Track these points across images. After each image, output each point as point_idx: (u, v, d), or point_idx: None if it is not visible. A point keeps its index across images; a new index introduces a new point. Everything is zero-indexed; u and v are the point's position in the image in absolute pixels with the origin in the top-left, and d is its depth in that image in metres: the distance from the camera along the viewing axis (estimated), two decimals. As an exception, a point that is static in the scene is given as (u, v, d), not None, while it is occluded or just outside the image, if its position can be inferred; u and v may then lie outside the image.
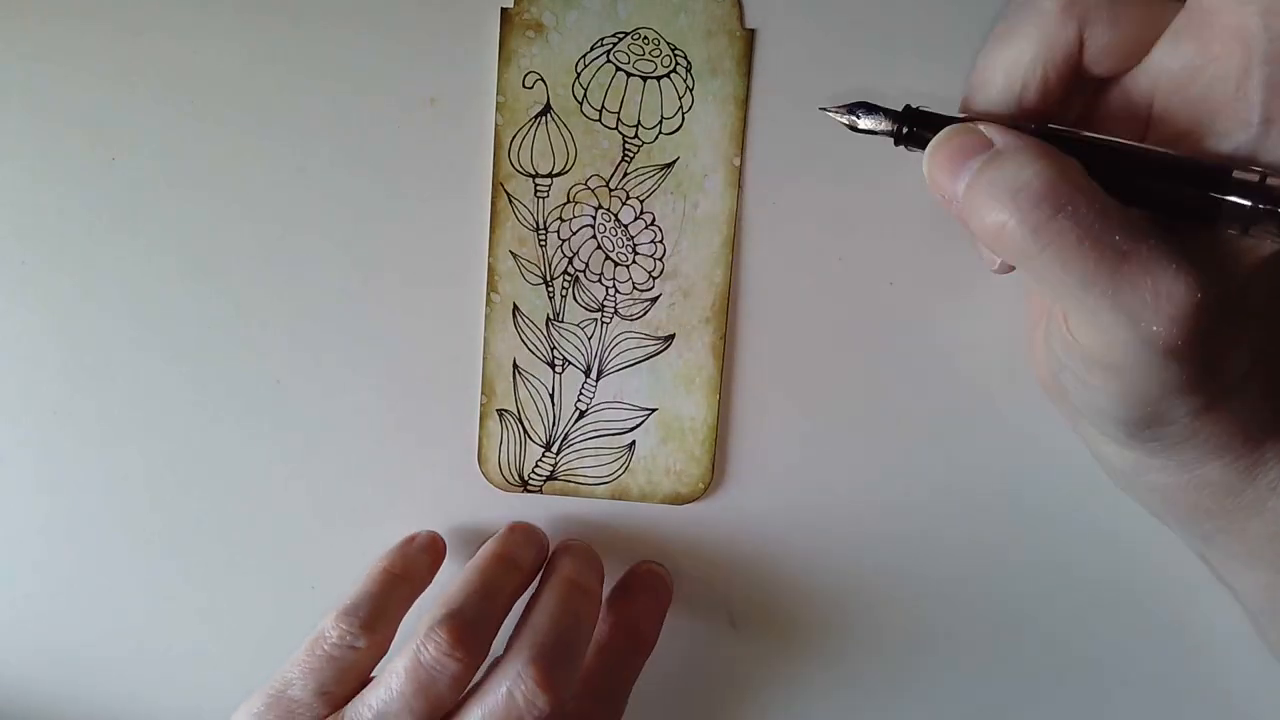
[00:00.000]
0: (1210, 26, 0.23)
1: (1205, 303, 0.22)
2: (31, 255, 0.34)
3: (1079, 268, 0.23)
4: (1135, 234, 0.23)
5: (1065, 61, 0.25)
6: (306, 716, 0.30)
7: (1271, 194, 0.22)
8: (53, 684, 0.37)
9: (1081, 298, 0.23)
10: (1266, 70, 0.23)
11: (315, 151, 0.33)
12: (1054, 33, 0.25)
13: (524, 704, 0.29)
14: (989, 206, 0.24)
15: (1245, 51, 0.23)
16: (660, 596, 0.35)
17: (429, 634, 0.29)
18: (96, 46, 0.32)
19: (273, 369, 0.35)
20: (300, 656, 0.31)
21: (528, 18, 0.32)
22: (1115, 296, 0.23)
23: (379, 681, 0.30)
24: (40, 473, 0.36)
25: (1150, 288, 0.22)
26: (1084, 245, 0.23)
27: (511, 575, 0.32)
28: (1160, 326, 0.23)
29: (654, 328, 0.34)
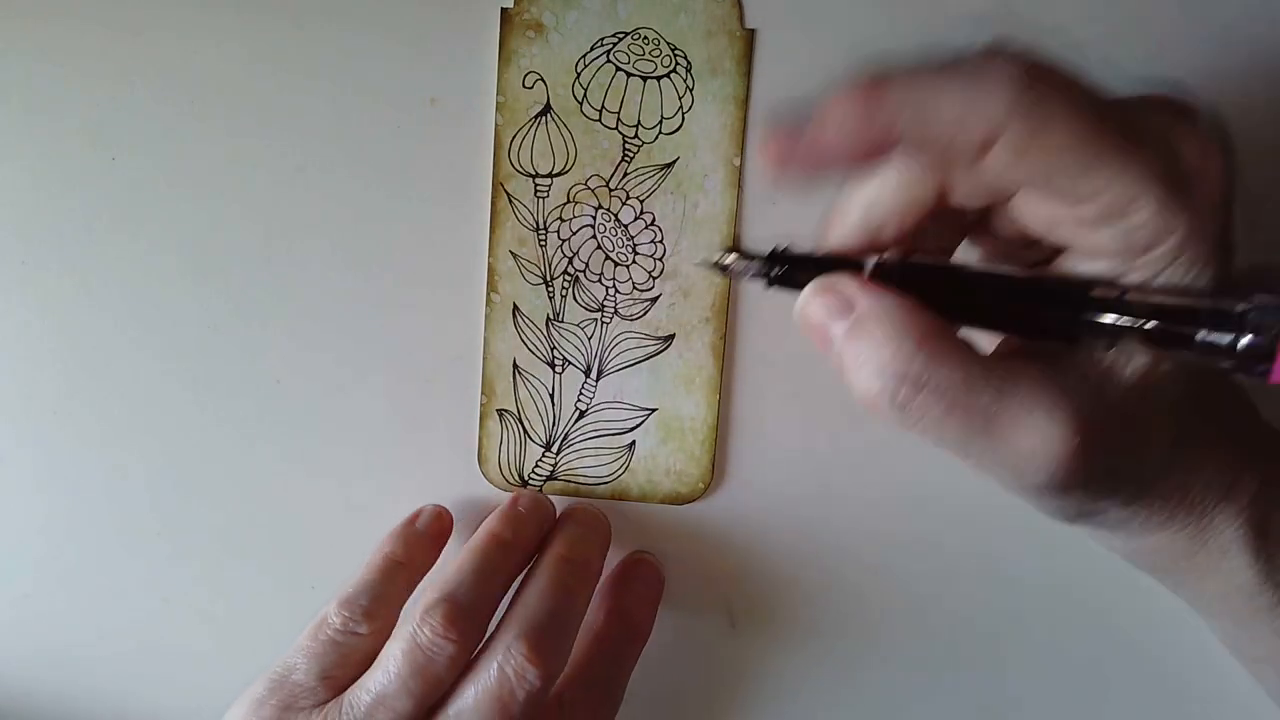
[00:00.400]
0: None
1: (1086, 441, 0.22)
2: (32, 255, 0.34)
3: (951, 436, 0.23)
4: (1004, 388, 0.23)
5: (924, 204, 0.24)
6: (309, 701, 0.30)
7: (1132, 309, 0.22)
8: (53, 684, 0.37)
9: (964, 458, 0.23)
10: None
11: (315, 151, 0.33)
12: (914, 179, 0.24)
13: (515, 679, 0.29)
14: (856, 377, 0.24)
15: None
16: (652, 585, 0.35)
17: (424, 617, 0.30)
18: (97, 48, 0.32)
19: (273, 369, 0.35)
20: (303, 642, 0.31)
21: (528, 18, 0.32)
22: (994, 455, 0.23)
23: (377, 665, 0.30)
24: (40, 472, 0.36)
25: (1025, 445, 0.22)
26: (952, 414, 0.23)
27: (509, 555, 0.32)
28: (1044, 477, 0.23)
29: (654, 328, 0.34)
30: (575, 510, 0.35)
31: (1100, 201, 0.22)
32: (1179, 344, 0.22)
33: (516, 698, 0.29)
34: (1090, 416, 0.22)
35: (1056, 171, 0.22)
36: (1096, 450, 0.23)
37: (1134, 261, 0.23)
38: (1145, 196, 0.22)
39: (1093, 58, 0.32)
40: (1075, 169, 0.22)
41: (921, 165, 0.24)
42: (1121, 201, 0.22)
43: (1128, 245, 0.22)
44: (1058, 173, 0.22)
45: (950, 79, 0.22)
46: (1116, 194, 0.22)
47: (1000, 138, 0.22)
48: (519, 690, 0.29)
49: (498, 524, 0.33)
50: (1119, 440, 0.23)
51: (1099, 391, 0.23)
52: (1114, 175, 0.22)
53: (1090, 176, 0.22)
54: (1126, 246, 0.22)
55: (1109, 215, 0.22)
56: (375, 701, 0.29)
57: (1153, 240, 0.22)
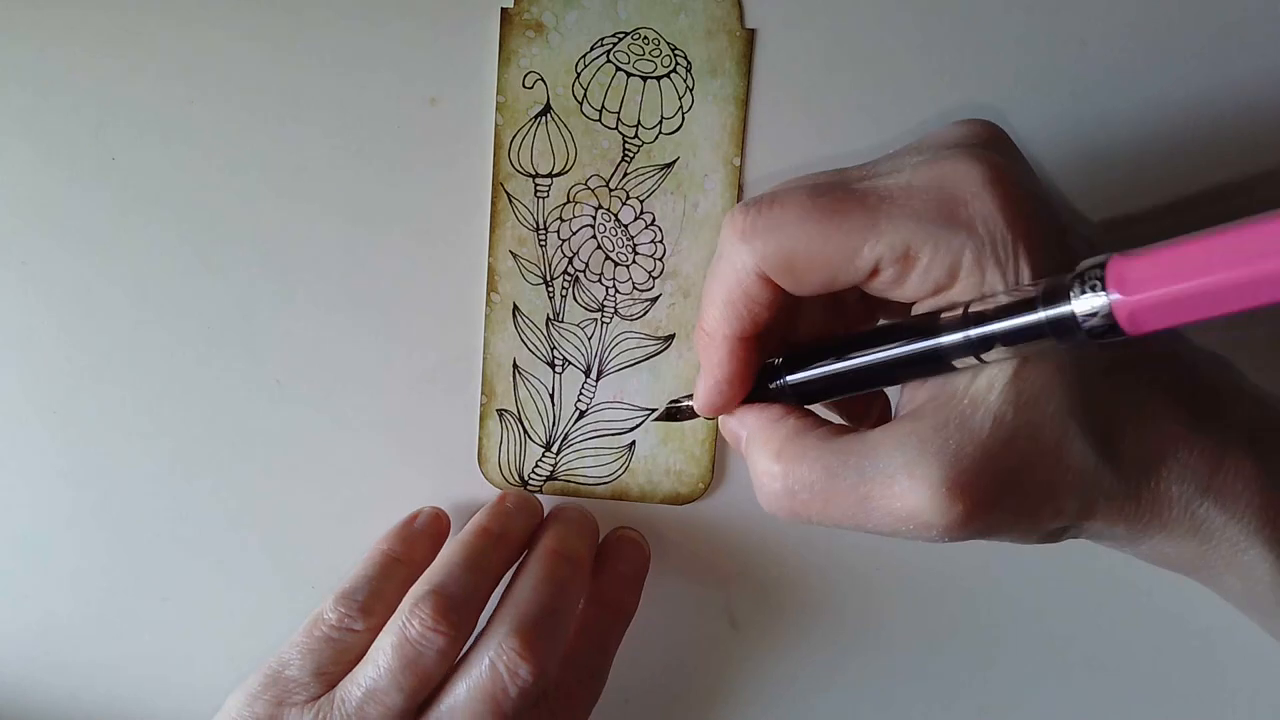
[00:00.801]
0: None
1: (958, 486, 0.22)
2: (32, 255, 0.34)
3: (843, 522, 0.24)
4: (864, 465, 0.24)
5: (766, 298, 0.26)
6: (302, 696, 0.30)
7: (979, 318, 0.23)
8: (53, 684, 0.37)
9: (871, 533, 0.24)
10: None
11: (315, 151, 0.33)
12: (746, 281, 0.25)
13: (507, 675, 0.29)
14: (756, 495, 0.26)
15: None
16: (636, 562, 0.35)
17: (414, 609, 0.30)
18: (97, 48, 0.32)
19: (273, 369, 0.35)
20: (299, 638, 0.31)
21: (528, 18, 0.32)
22: (888, 526, 0.24)
23: (367, 659, 0.30)
24: (40, 473, 0.36)
25: (904, 510, 0.23)
26: (830, 505, 0.24)
27: (497, 548, 0.32)
28: (937, 531, 0.23)
29: (654, 328, 0.34)
30: (562, 509, 0.35)
31: (881, 265, 0.24)
32: (1031, 336, 0.22)
33: (509, 694, 0.29)
34: (956, 459, 0.23)
35: (827, 269, 0.24)
36: (978, 489, 0.23)
37: (957, 289, 0.23)
38: (915, 242, 0.23)
39: (1093, 58, 0.32)
40: (838, 256, 0.24)
41: (749, 274, 0.26)
42: (898, 257, 0.23)
43: (937, 283, 0.24)
44: (828, 269, 0.24)
45: (711, 279, 0.26)
46: (886, 252, 0.23)
47: (765, 273, 0.25)
48: (511, 687, 0.29)
49: (485, 518, 0.33)
50: (1004, 468, 0.23)
51: (964, 429, 0.23)
52: (867, 243, 0.23)
53: (857, 255, 0.24)
54: (937, 284, 0.24)
55: (898, 275, 0.24)
56: (366, 696, 0.29)
57: (951, 270, 0.23)
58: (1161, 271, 0.20)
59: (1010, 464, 0.23)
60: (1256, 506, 0.24)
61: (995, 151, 0.24)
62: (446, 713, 0.30)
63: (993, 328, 0.22)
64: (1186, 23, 0.31)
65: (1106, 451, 0.24)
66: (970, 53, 0.32)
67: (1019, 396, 0.23)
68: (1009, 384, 0.23)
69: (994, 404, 0.23)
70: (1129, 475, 0.24)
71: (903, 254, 0.23)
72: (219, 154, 0.33)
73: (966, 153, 0.24)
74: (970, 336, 0.23)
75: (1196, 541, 0.25)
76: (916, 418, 0.24)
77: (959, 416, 0.23)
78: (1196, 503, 0.24)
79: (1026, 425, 0.23)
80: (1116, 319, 0.20)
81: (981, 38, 0.32)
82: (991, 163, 0.23)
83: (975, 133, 0.25)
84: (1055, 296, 0.21)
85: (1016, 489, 0.23)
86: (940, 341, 0.23)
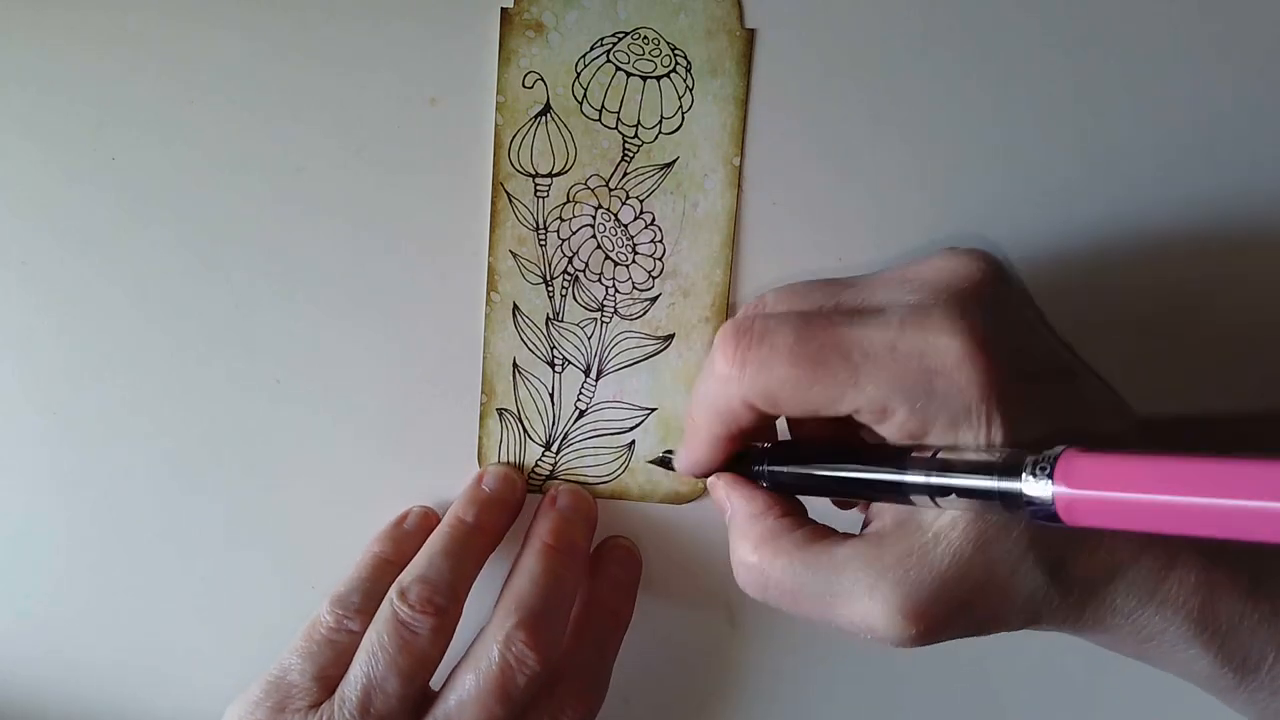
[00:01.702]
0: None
1: (913, 609, 0.24)
2: (32, 255, 0.34)
3: (808, 617, 0.27)
4: (831, 578, 0.26)
5: (751, 417, 0.27)
6: (304, 701, 0.30)
7: (944, 465, 0.24)
8: (53, 684, 0.37)
9: (832, 628, 0.27)
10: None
11: (315, 151, 0.33)
12: (733, 404, 0.27)
13: (516, 664, 0.30)
14: (733, 568, 0.28)
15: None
16: (630, 570, 0.35)
17: (401, 596, 0.31)
18: (97, 48, 0.32)
19: (273, 369, 0.35)
20: (298, 643, 0.32)
21: (528, 18, 0.32)
22: (849, 628, 0.26)
23: (360, 652, 0.31)
24: (40, 473, 0.36)
25: (863, 622, 0.25)
26: (798, 602, 0.27)
27: (474, 536, 0.33)
28: (892, 643, 0.25)
29: (654, 327, 0.34)
30: (560, 493, 0.35)
31: (857, 413, 0.25)
32: (983, 498, 0.23)
33: (517, 683, 0.30)
34: (914, 589, 0.24)
35: (808, 408, 0.26)
36: (931, 616, 0.24)
37: (930, 439, 0.25)
38: (892, 403, 0.25)
39: (1094, 57, 0.32)
40: (820, 401, 0.25)
41: (733, 406, 0.27)
42: (875, 409, 0.25)
43: (910, 434, 0.25)
44: (809, 408, 0.26)
45: (701, 382, 0.28)
46: (865, 405, 0.25)
47: (751, 402, 0.26)
48: (519, 676, 0.30)
49: (460, 507, 0.34)
50: (958, 599, 0.25)
51: (923, 562, 0.25)
52: (847, 395, 0.25)
53: (838, 402, 0.25)
54: (911, 434, 0.25)
55: (875, 420, 0.25)
56: (365, 689, 0.30)
57: (924, 426, 0.25)
58: (1105, 476, 0.21)
59: (963, 594, 0.25)
60: (1195, 615, 0.26)
61: (984, 305, 0.25)
62: (455, 705, 0.30)
63: (952, 480, 0.24)
64: (1187, 23, 0.31)
65: (1056, 577, 0.25)
66: (969, 52, 0.32)
67: (980, 536, 0.24)
68: (971, 523, 0.25)
69: (955, 541, 0.25)
70: (1075, 595, 0.25)
71: (880, 409, 0.25)
72: (219, 154, 0.33)
73: (953, 314, 0.25)
74: (931, 482, 0.24)
75: (1137, 641, 0.26)
76: (881, 542, 0.26)
77: (921, 548, 0.25)
78: (1139, 613, 0.26)
79: (984, 562, 0.25)
80: (1056, 508, 0.21)
81: (982, 37, 0.32)
82: (972, 332, 0.24)
83: (965, 275, 0.26)
84: (1009, 471, 0.22)
85: (967, 614, 0.25)
86: (905, 478, 0.25)
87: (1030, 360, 0.26)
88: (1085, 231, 0.33)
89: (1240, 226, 0.33)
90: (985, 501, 0.23)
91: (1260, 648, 0.26)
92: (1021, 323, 0.27)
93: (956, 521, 0.25)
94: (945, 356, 0.24)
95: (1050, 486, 0.21)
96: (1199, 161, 0.32)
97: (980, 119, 0.32)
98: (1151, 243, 0.33)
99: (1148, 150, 0.32)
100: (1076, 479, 0.21)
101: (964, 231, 0.33)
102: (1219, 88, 0.32)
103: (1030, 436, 0.24)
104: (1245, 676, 0.26)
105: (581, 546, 0.34)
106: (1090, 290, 0.33)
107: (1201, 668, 0.26)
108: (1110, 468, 0.21)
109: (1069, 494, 0.21)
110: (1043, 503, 0.22)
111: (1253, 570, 0.26)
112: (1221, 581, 0.26)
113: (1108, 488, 0.21)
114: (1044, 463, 0.22)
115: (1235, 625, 0.26)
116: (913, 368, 0.24)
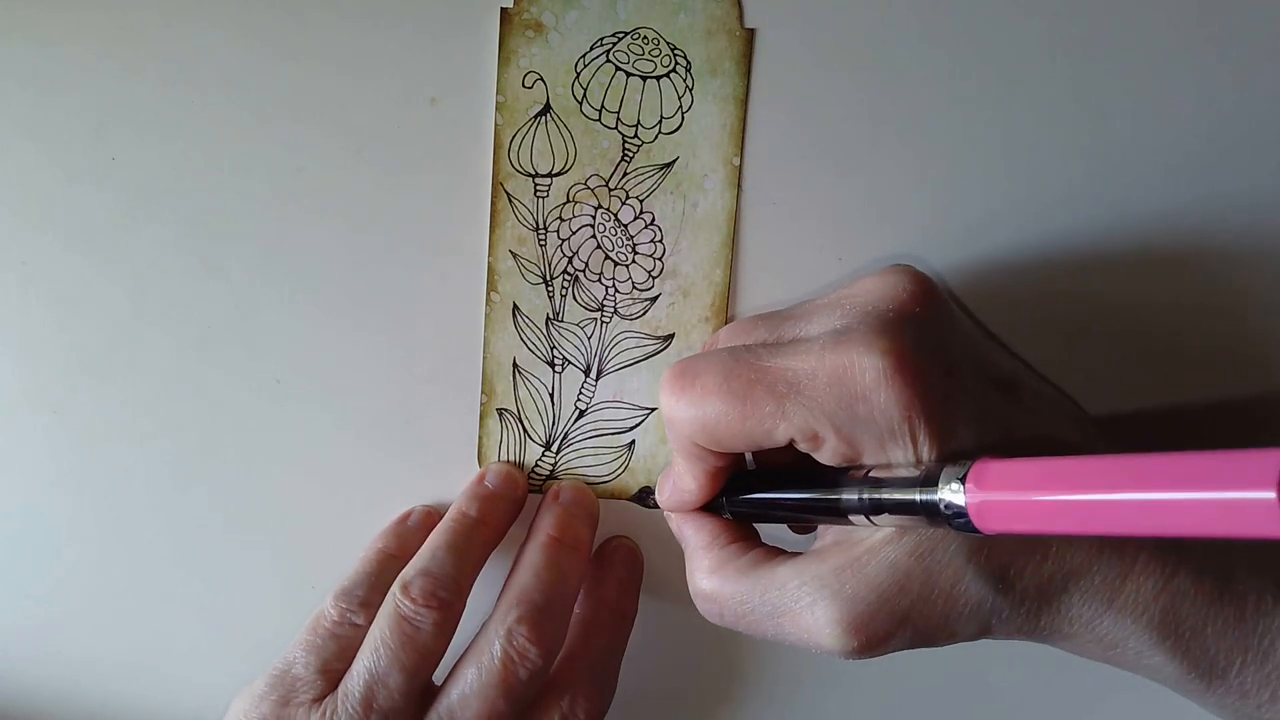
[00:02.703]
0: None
1: (854, 621, 0.25)
2: (32, 255, 0.34)
3: (761, 635, 0.28)
4: (776, 599, 0.27)
5: (707, 454, 0.28)
6: (308, 694, 0.31)
7: (876, 483, 0.25)
8: (53, 683, 0.37)
9: (785, 645, 0.28)
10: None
11: (315, 151, 0.33)
12: (685, 442, 0.28)
13: (518, 658, 0.30)
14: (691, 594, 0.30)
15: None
16: (635, 570, 0.35)
17: (404, 591, 0.31)
18: (97, 48, 0.32)
19: (273, 369, 0.35)
20: (302, 637, 0.32)
21: (527, 17, 0.32)
22: (799, 644, 0.27)
23: (364, 647, 0.31)
24: (40, 472, 0.36)
25: (809, 637, 0.26)
26: (749, 622, 0.28)
27: (477, 531, 0.33)
28: (840, 655, 0.26)
29: (653, 327, 0.34)
30: (562, 489, 0.35)
31: (794, 442, 0.26)
32: (910, 512, 0.24)
33: (520, 676, 0.30)
34: (852, 602, 0.25)
35: (747, 441, 0.27)
36: (872, 627, 0.25)
37: (865, 459, 0.26)
38: (820, 429, 0.25)
39: (1095, 58, 0.32)
40: (756, 433, 0.26)
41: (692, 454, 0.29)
42: (807, 437, 0.26)
43: (844, 457, 0.26)
44: (748, 441, 0.27)
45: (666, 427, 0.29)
46: (796, 434, 0.26)
47: (697, 441, 0.28)
48: (522, 669, 0.30)
49: (463, 502, 0.34)
50: (897, 609, 0.25)
51: (860, 575, 0.25)
52: (779, 426, 0.26)
53: (771, 433, 0.26)
54: (844, 458, 0.26)
55: (811, 448, 0.26)
56: (368, 683, 0.30)
57: (855, 449, 0.25)
58: (1010, 479, 0.21)
59: (903, 605, 0.25)
60: (1157, 621, 0.26)
61: (908, 325, 0.26)
62: (458, 699, 0.30)
63: (883, 495, 0.24)
64: (1187, 23, 0.31)
65: (1003, 586, 0.25)
66: (968, 51, 0.32)
67: (916, 548, 0.25)
68: (907, 536, 0.25)
69: (890, 554, 0.25)
70: (1027, 605, 0.26)
71: (811, 435, 0.26)
72: (219, 154, 0.33)
73: (871, 336, 0.25)
74: (864, 498, 0.25)
75: (1101, 649, 0.27)
76: (821, 558, 0.26)
77: (856, 562, 0.26)
78: (1098, 621, 0.26)
79: (922, 571, 0.25)
80: (969, 514, 0.22)
81: (982, 37, 0.32)
82: (895, 351, 0.25)
83: (891, 295, 0.27)
84: (929, 482, 0.23)
85: (909, 624, 0.25)
86: (840, 497, 0.26)
87: (965, 374, 0.26)
88: (1085, 231, 0.33)
89: (1242, 230, 0.33)
90: (913, 516, 0.24)
91: (1227, 652, 0.26)
92: (953, 338, 0.27)
93: (892, 536, 0.25)
94: (865, 377, 0.25)
95: (963, 494, 0.22)
96: (1199, 161, 0.32)
97: (980, 119, 0.32)
98: (1152, 243, 0.33)
99: (1148, 151, 0.32)
100: (985, 484, 0.22)
101: (963, 231, 0.33)
102: (1219, 88, 0.32)
103: (965, 448, 0.24)
104: (1213, 681, 0.26)
105: (585, 541, 0.34)
106: (1091, 290, 0.33)
107: (1169, 673, 0.27)
108: (1018, 471, 0.21)
109: (979, 499, 0.22)
110: (959, 510, 0.22)
111: (1217, 575, 0.26)
112: (1184, 588, 0.26)
113: (1011, 490, 0.21)
114: (959, 473, 0.22)
115: (1199, 631, 0.26)
116: (835, 393, 0.25)
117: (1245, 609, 0.26)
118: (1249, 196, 0.32)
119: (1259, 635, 0.26)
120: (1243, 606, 0.26)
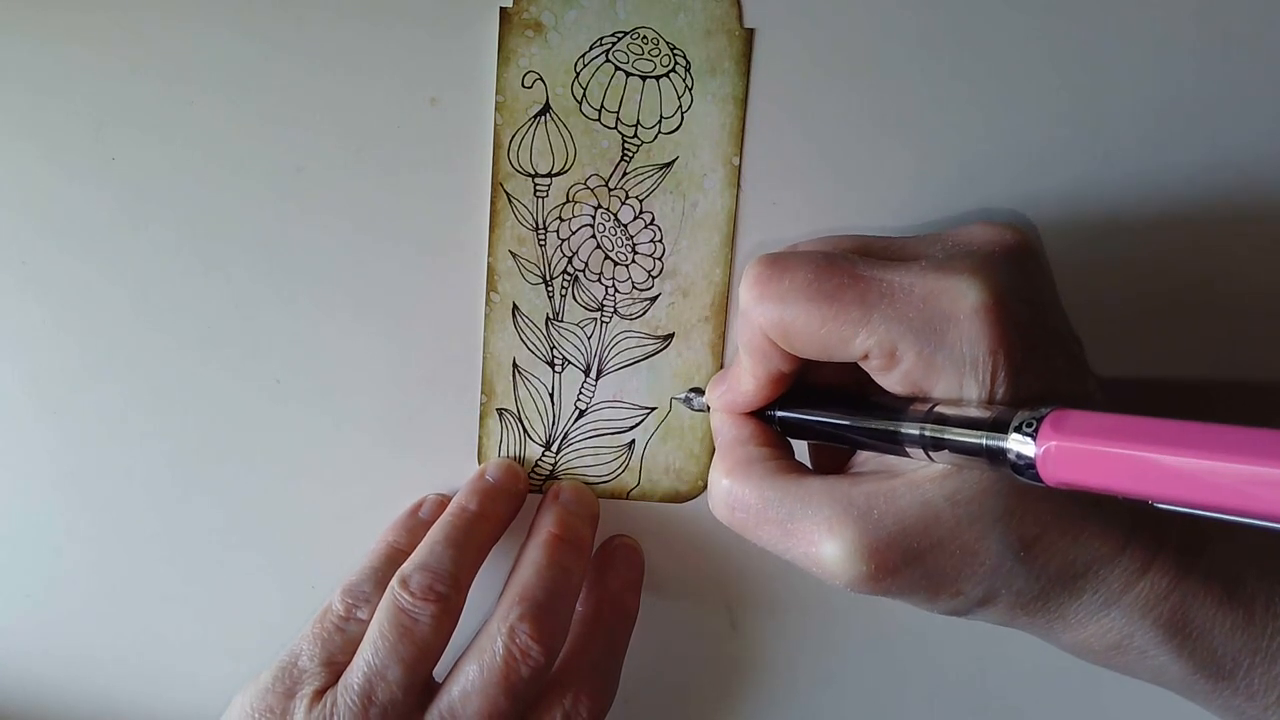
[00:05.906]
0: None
1: (868, 549, 0.25)
2: (32, 255, 0.34)
3: (767, 543, 0.28)
4: (795, 510, 0.26)
5: (776, 352, 0.28)
6: (310, 685, 0.31)
7: (940, 419, 0.24)
8: (53, 682, 0.37)
9: (787, 560, 0.27)
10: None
11: (315, 151, 0.33)
12: (757, 337, 0.27)
13: (520, 656, 0.30)
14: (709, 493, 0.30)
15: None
16: (635, 568, 0.35)
17: (402, 585, 0.31)
18: (97, 48, 0.32)
19: (273, 369, 0.35)
20: (309, 630, 0.32)
21: (527, 17, 0.32)
22: (803, 561, 0.27)
23: (364, 641, 0.31)
24: (40, 472, 0.36)
25: (818, 555, 0.26)
26: (760, 528, 0.27)
27: (478, 525, 0.33)
28: (843, 581, 0.26)
29: (653, 327, 0.34)
30: (562, 488, 0.35)
31: (866, 359, 0.25)
32: (973, 453, 0.23)
33: (521, 674, 0.30)
34: (875, 528, 0.25)
35: (821, 346, 0.26)
36: (886, 557, 0.25)
37: (935, 391, 0.25)
38: (901, 346, 0.25)
39: (1096, 57, 0.32)
40: (832, 340, 0.26)
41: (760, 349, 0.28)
42: (884, 353, 0.25)
43: (916, 383, 0.25)
44: (822, 346, 0.26)
45: (737, 324, 0.29)
46: (874, 347, 0.25)
47: (771, 337, 0.27)
48: (524, 667, 0.30)
49: (464, 497, 0.34)
50: (915, 547, 0.25)
51: (892, 504, 0.25)
52: (859, 335, 0.25)
53: (849, 342, 0.25)
54: (916, 384, 0.25)
55: (883, 366, 0.25)
56: (368, 676, 0.30)
57: (930, 376, 0.25)
58: (1089, 430, 0.21)
59: (922, 545, 0.25)
60: (1165, 620, 0.26)
61: (1009, 268, 0.25)
62: (460, 696, 0.30)
63: (945, 434, 0.24)
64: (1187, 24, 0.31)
65: (1026, 557, 0.25)
66: (969, 52, 0.32)
67: (955, 493, 0.25)
68: (950, 477, 0.25)
69: (928, 491, 0.25)
70: (1042, 580, 0.25)
71: (890, 351, 0.25)
72: (219, 154, 0.33)
73: (973, 268, 0.25)
74: (925, 434, 0.24)
75: (1105, 645, 0.26)
76: (855, 481, 0.26)
77: (890, 492, 0.25)
78: (1105, 614, 0.26)
79: (952, 518, 0.25)
80: (1036, 462, 0.22)
81: (981, 36, 0.32)
82: (992, 285, 0.24)
83: (997, 240, 0.27)
84: (999, 426, 0.23)
85: (920, 566, 0.25)
86: (901, 428, 0.25)
87: (1041, 330, 0.25)
88: (1085, 231, 0.33)
89: (1243, 230, 0.33)
90: (974, 457, 0.23)
91: (1235, 654, 0.26)
92: (1045, 292, 0.27)
93: (935, 475, 0.25)
94: (963, 301, 0.24)
95: (1033, 443, 0.22)
96: (1200, 161, 0.32)
97: (979, 119, 0.32)
98: (1152, 243, 0.33)
99: (1148, 150, 0.32)
100: (1062, 432, 0.21)
101: (963, 231, 0.33)
102: (1221, 89, 0.32)
103: (1034, 396, 0.24)
104: (1220, 682, 0.26)
105: (586, 538, 0.34)
106: (1090, 289, 0.33)
107: (1175, 673, 0.26)
108: (1096, 423, 0.21)
109: (1051, 445, 0.21)
110: (1025, 458, 0.22)
111: (1227, 578, 0.26)
112: (1194, 589, 0.26)
113: (1090, 440, 0.21)
114: (1033, 420, 0.22)
115: (1207, 632, 0.26)
116: (927, 311, 0.24)
117: (1254, 611, 0.26)
118: (1249, 196, 0.32)
119: (1268, 637, 0.26)
120: (1251, 609, 0.26)
